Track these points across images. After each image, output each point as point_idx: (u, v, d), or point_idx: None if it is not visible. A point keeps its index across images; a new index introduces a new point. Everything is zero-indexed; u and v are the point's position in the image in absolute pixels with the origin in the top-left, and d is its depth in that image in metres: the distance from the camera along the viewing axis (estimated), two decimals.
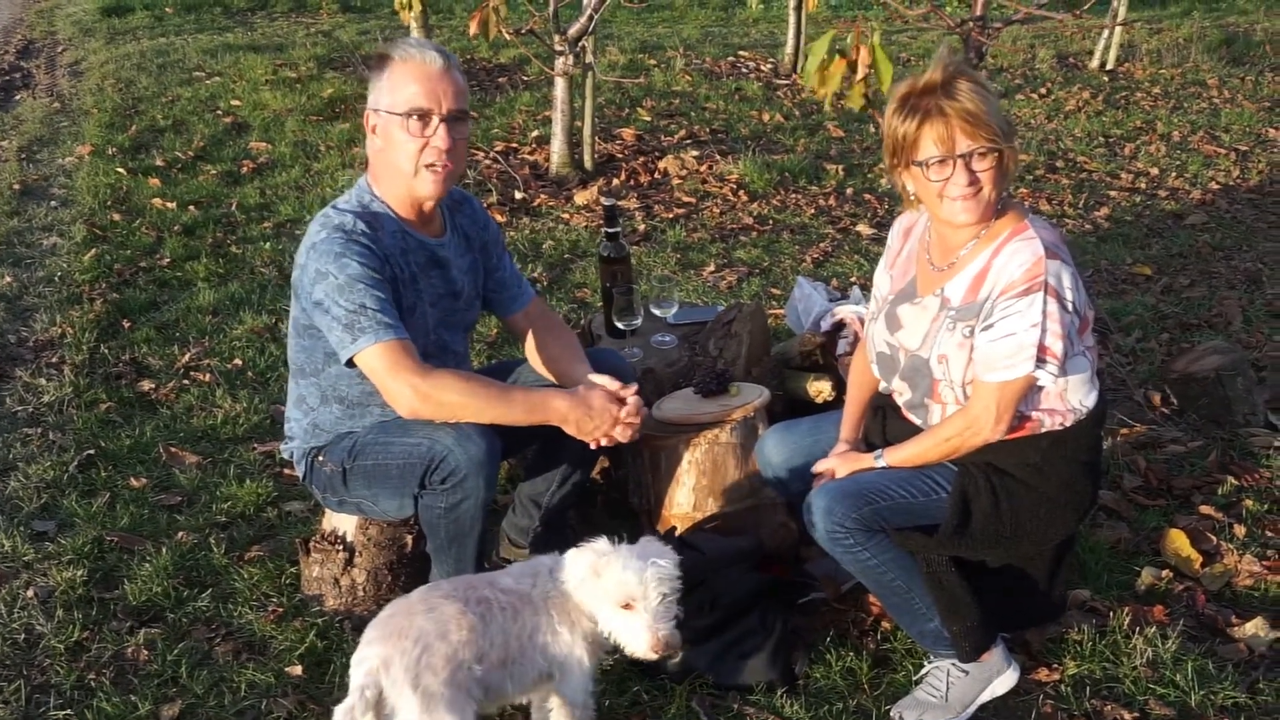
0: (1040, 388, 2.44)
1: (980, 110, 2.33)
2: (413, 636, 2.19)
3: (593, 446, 2.73)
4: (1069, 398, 2.48)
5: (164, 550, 3.25)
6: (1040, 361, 2.34)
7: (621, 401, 2.70)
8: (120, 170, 6.87)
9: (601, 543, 2.34)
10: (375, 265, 2.55)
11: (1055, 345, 2.34)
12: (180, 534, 3.37)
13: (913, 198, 2.54)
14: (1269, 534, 3.28)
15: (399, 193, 2.68)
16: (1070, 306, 2.36)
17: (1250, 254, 5.80)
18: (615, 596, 2.28)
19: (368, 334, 2.50)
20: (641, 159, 7.18)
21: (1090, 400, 2.53)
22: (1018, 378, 2.36)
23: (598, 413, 2.65)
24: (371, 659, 2.18)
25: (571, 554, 2.35)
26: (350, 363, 2.54)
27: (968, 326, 2.43)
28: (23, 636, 2.93)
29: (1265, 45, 10.73)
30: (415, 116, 2.56)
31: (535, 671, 2.35)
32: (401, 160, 2.60)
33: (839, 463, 2.64)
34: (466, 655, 2.22)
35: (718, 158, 7.23)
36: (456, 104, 2.59)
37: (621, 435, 2.70)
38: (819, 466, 2.68)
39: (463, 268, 2.87)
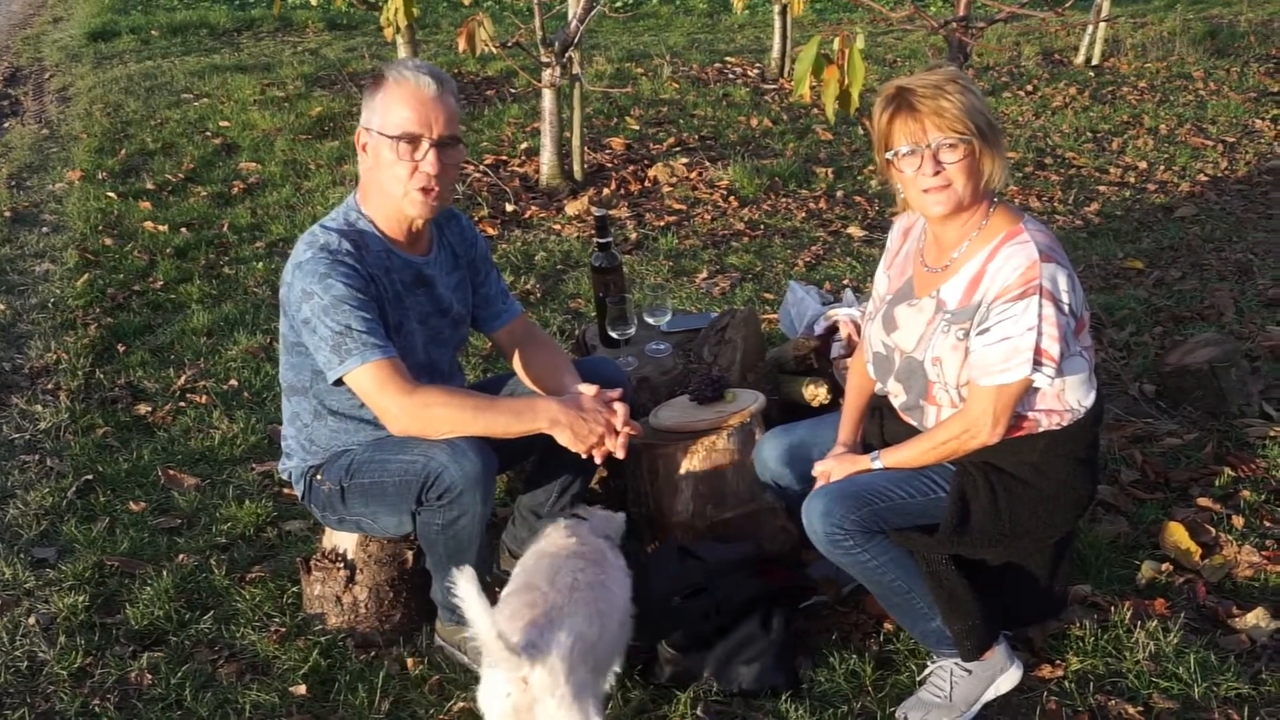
0: (1037, 389, 2.44)
1: (953, 106, 2.37)
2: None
3: (591, 457, 2.67)
4: (1067, 398, 2.49)
5: (165, 573, 3.25)
6: (1037, 364, 2.35)
7: (611, 407, 2.66)
8: (111, 194, 6.87)
9: None
10: (360, 285, 2.56)
11: (1051, 348, 2.35)
12: (181, 556, 3.36)
13: (903, 196, 2.56)
14: (1267, 524, 3.29)
15: (387, 212, 2.68)
16: (1066, 309, 2.36)
17: (1240, 245, 5.81)
18: None
19: (354, 356, 2.51)
20: (631, 168, 7.19)
21: (1088, 399, 2.54)
22: (1014, 381, 2.37)
23: (590, 414, 2.61)
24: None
25: None
26: (338, 381, 2.55)
27: (962, 329, 2.44)
28: (25, 664, 2.93)
29: (1249, 36, 10.77)
30: (405, 140, 2.56)
31: None
32: (390, 182, 2.61)
33: (835, 465, 2.65)
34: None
35: (707, 164, 7.25)
36: (448, 129, 2.59)
37: (615, 447, 2.65)
38: (816, 469, 2.68)
39: (450, 285, 2.87)
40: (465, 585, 2.10)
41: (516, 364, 3.02)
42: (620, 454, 2.66)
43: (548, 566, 2.47)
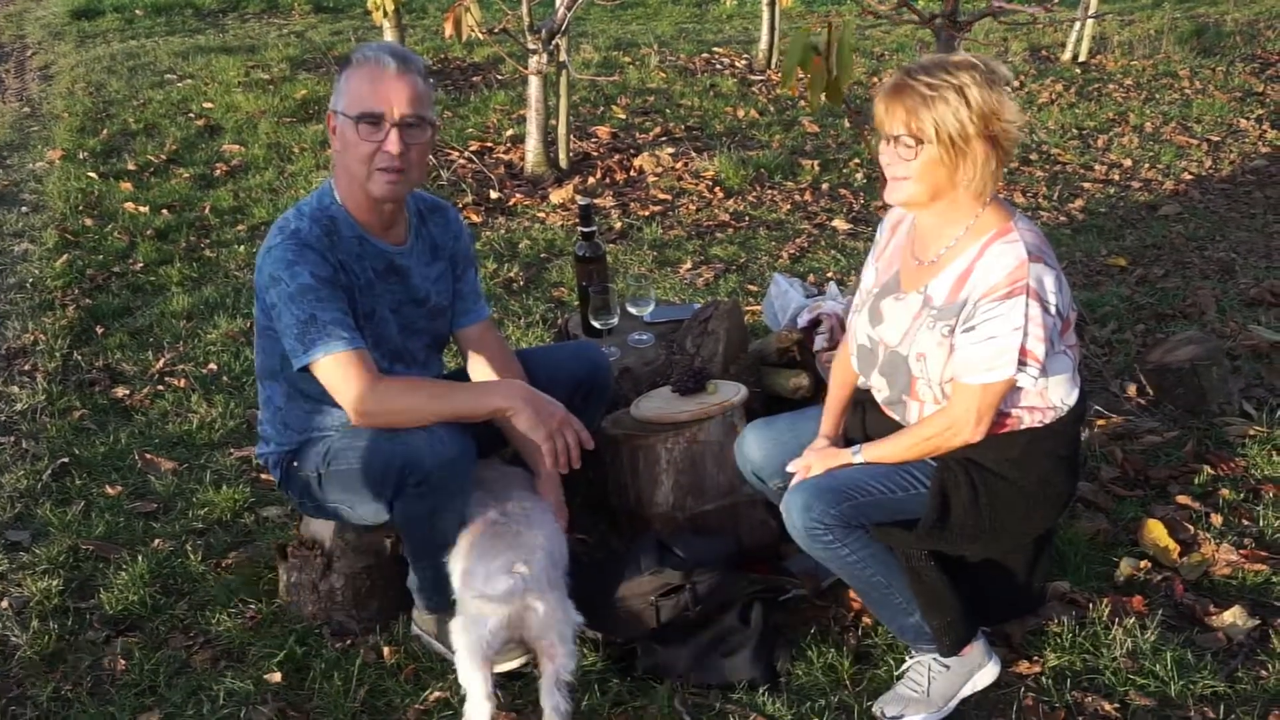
0: (1020, 387, 2.44)
1: (925, 108, 2.32)
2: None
3: (555, 467, 2.58)
4: (1050, 396, 2.49)
5: (140, 558, 3.23)
6: (1021, 365, 2.34)
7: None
8: (92, 175, 6.81)
9: None
10: (328, 274, 2.54)
11: (1037, 348, 2.34)
12: (157, 541, 3.34)
13: None
14: (1245, 522, 3.30)
15: (357, 196, 2.65)
16: (1053, 309, 2.35)
17: (1223, 244, 5.83)
18: None
19: (318, 346, 2.49)
20: (617, 157, 7.17)
21: (1071, 398, 2.53)
22: (999, 381, 2.36)
23: (550, 402, 2.57)
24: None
25: None
26: (304, 369, 2.54)
27: (947, 325, 2.43)
28: None
29: (1236, 36, 10.79)
30: (366, 120, 2.54)
31: None
32: (355, 163, 2.58)
33: (816, 459, 2.63)
34: None
35: (693, 154, 7.23)
36: (411, 109, 2.55)
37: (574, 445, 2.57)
38: (795, 464, 2.67)
39: (429, 277, 2.84)
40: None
41: (470, 366, 3.00)
42: (576, 464, 2.58)
43: (491, 506, 2.71)
